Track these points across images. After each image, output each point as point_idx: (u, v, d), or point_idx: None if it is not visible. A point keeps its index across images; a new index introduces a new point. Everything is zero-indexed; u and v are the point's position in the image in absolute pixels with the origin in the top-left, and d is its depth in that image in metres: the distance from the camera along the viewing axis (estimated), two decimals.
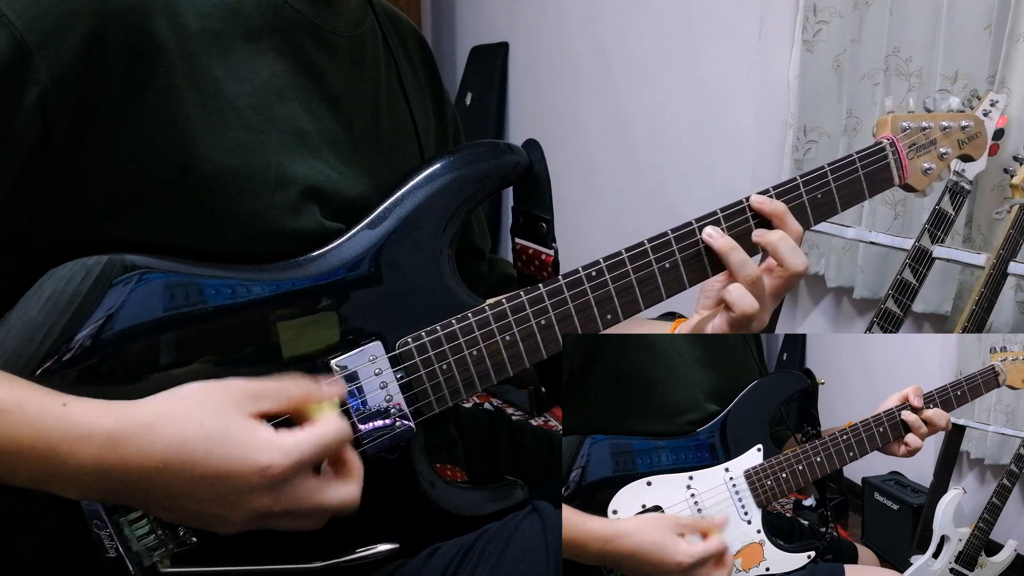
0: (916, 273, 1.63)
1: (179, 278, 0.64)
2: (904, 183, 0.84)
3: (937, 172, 0.85)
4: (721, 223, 0.77)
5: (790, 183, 0.78)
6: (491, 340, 0.72)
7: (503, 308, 0.72)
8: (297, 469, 0.60)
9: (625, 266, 0.74)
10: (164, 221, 0.64)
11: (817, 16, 2.12)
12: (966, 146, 0.89)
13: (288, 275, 0.67)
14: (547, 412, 2.69)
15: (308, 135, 0.71)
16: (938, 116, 0.86)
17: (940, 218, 1.60)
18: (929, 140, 0.85)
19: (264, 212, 0.66)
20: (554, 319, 0.73)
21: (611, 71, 2.85)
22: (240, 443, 0.59)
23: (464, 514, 0.75)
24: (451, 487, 0.76)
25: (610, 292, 0.74)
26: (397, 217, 0.71)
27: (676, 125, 2.58)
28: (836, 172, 0.80)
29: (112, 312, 0.63)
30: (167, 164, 0.63)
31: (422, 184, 0.72)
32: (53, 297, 0.62)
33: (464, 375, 0.71)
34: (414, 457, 0.72)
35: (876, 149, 0.82)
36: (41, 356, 0.62)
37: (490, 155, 0.76)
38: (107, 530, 0.63)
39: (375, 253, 0.70)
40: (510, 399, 2.79)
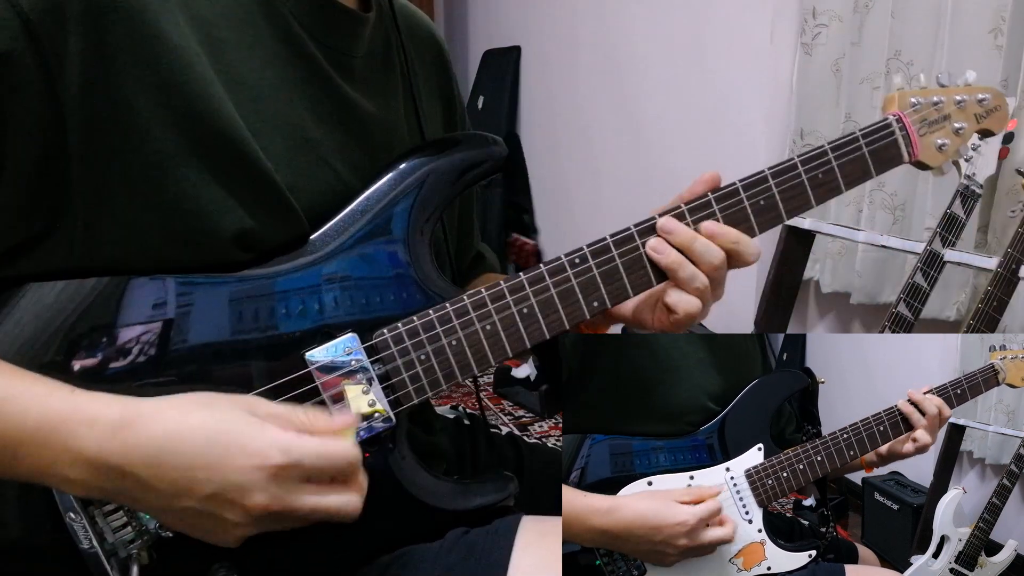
0: (927, 277, 1.63)
1: (168, 282, 0.65)
2: (916, 160, 0.80)
3: (953, 148, 0.81)
4: (715, 207, 0.74)
5: (787, 163, 0.75)
6: (470, 329, 0.71)
7: (482, 296, 0.71)
8: (295, 470, 0.60)
9: (610, 251, 0.73)
10: (146, 221, 0.64)
11: (816, 20, 2.12)
12: (985, 120, 0.82)
13: (266, 271, 0.68)
14: (557, 415, 2.69)
15: (318, 143, 0.71)
16: (951, 90, 0.81)
17: (951, 222, 1.60)
18: (942, 115, 0.80)
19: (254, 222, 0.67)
20: (536, 306, 0.72)
21: (622, 75, 2.86)
22: (244, 436, 0.59)
23: (449, 508, 0.73)
24: (437, 480, 0.74)
25: (595, 278, 0.72)
26: (373, 210, 0.71)
27: (686, 128, 2.59)
28: (838, 150, 0.76)
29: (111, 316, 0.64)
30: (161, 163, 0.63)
31: (398, 177, 0.73)
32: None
33: (443, 365, 0.70)
34: (397, 450, 0.71)
35: (882, 125, 0.78)
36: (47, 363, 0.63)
37: (465, 146, 0.76)
38: (81, 521, 0.63)
39: (350, 246, 0.70)
40: (520, 401, 2.79)
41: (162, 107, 0.63)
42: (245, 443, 0.59)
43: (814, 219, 2.04)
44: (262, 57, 0.69)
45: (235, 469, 0.58)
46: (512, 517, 0.74)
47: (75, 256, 0.64)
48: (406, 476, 0.72)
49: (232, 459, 0.58)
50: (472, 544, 0.71)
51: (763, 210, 0.75)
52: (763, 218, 0.75)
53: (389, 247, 0.71)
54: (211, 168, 0.64)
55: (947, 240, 1.60)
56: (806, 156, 0.76)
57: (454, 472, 0.92)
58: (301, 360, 0.68)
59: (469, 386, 2.63)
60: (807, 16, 2.13)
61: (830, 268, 2.15)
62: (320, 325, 0.69)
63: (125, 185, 0.63)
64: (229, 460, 0.58)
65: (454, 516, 0.74)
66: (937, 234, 1.61)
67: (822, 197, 0.76)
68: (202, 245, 0.65)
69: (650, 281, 0.73)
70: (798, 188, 0.75)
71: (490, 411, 2.74)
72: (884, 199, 2.00)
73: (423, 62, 0.90)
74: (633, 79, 2.81)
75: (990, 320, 1.50)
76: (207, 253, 0.66)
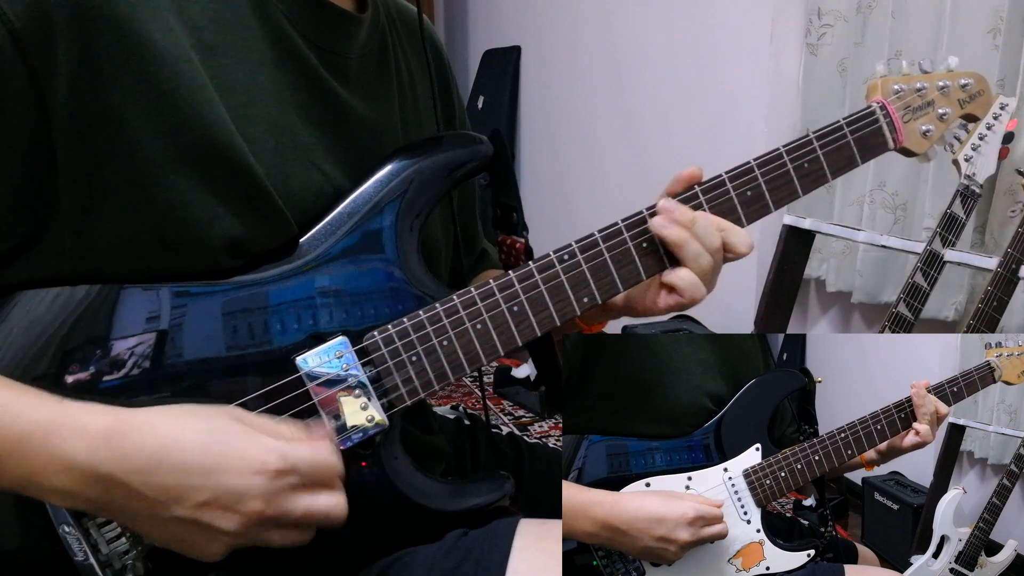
0: (927, 277, 1.63)
1: (161, 292, 0.65)
2: (901, 147, 0.80)
3: (938, 134, 0.81)
4: (701, 199, 0.74)
5: (772, 153, 0.75)
6: (461, 328, 0.71)
7: (471, 295, 0.71)
8: (291, 474, 0.60)
9: (599, 246, 0.72)
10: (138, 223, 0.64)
11: (821, 20, 2.13)
12: (968, 105, 0.83)
13: (254, 278, 0.68)
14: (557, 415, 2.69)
15: (308, 148, 0.71)
16: (934, 76, 0.81)
17: (951, 222, 1.60)
18: (926, 101, 0.81)
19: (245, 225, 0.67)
20: (526, 303, 0.71)
21: (622, 74, 2.86)
22: (239, 442, 0.60)
23: (444, 509, 0.73)
24: (432, 481, 0.74)
25: (584, 274, 0.72)
26: (360, 213, 0.71)
27: (687, 128, 2.59)
28: (823, 139, 0.76)
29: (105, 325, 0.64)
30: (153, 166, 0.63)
31: (384, 179, 0.72)
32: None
33: (435, 366, 0.70)
34: (391, 451, 0.71)
35: (866, 113, 0.78)
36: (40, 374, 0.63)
37: (450, 146, 0.76)
38: (75, 533, 0.63)
39: (338, 250, 0.70)
40: (520, 401, 2.79)
41: (150, 115, 0.62)
42: (242, 449, 0.59)
43: (815, 219, 2.04)
44: (253, 61, 0.68)
45: (234, 475, 0.59)
46: (510, 519, 0.73)
47: (65, 264, 0.63)
48: (400, 478, 0.72)
49: (230, 465, 0.59)
50: (470, 546, 0.71)
51: (750, 200, 0.75)
52: (750, 208, 0.75)
53: (376, 250, 0.71)
54: (201, 175, 0.64)
55: (947, 240, 1.61)
56: (791, 146, 0.76)
57: (454, 472, 0.92)
58: (292, 365, 0.68)
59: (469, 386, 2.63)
60: (812, 16, 2.13)
61: (832, 267, 2.15)
62: (309, 330, 0.68)
63: (114, 193, 0.62)
64: (227, 466, 0.59)
65: (452, 518, 0.74)
66: (937, 234, 1.61)
67: (809, 186, 0.76)
68: (192, 252, 0.65)
69: (640, 275, 0.73)
70: (784, 178, 0.75)
71: (490, 411, 2.74)
72: (885, 199, 2.00)
73: (420, 61, 0.89)
74: (633, 79, 2.81)
75: (990, 320, 1.50)
76: (197, 260, 0.65)
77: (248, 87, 0.67)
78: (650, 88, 2.74)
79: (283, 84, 0.70)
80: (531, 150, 3.47)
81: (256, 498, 0.59)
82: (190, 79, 0.64)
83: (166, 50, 0.63)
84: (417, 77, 0.88)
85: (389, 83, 0.82)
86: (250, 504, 0.59)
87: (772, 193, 0.75)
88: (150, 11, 0.63)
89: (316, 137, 0.72)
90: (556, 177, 3.32)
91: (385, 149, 0.77)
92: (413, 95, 0.86)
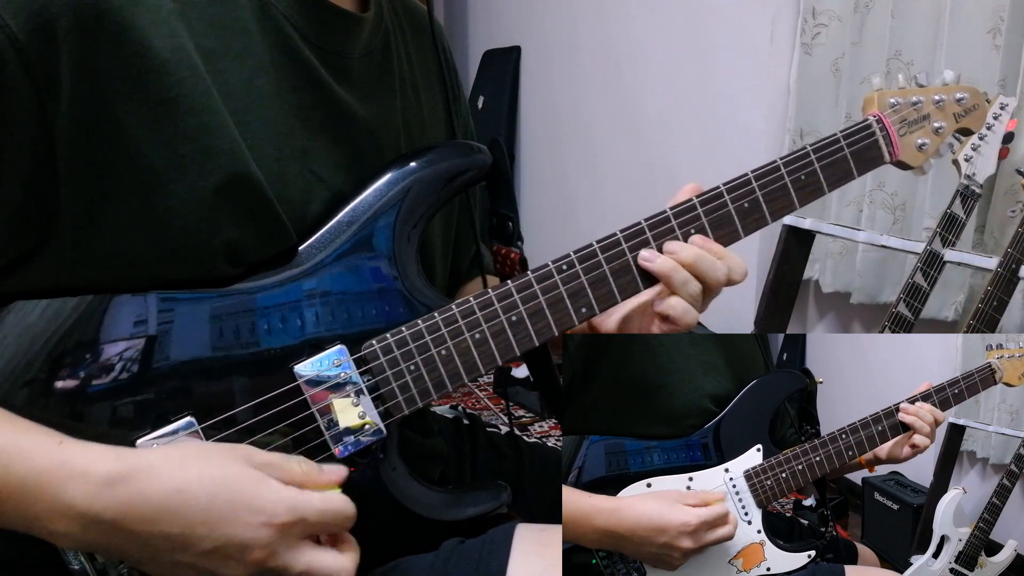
0: (927, 277, 1.63)
1: (150, 299, 0.65)
2: (897, 160, 0.81)
3: (933, 147, 0.82)
4: (699, 210, 0.75)
5: (770, 165, 0.76)
6: (459, 338, 0.71)
7: (470, 305, 0.71)
8: (299, 527, 0.60)
9: (597, 256, 0.73)
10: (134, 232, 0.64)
11: (816, 19, 2.13)
12: (963, 119, 0.84)
13: (251, 285, 0.68)
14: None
15: (307, 153, 0.71)
16: (930, 90, 0.83)
17: (951, 221, 1.60)
18: (921, 115, 0.82)
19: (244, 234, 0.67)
20: (524, 314, 0.72)
21: (622, 75, 2.86)
22: (247, 491, 0.59)
23: (442, 519, 0.73)
24: (429, 491, 0.74)
25: (583, 284, 0.73)
26: (358, 222, 0.71)
27: (687, 129, 2.59)
28: (819, 152, 0.77)
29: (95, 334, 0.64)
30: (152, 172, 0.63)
31: (383, 188, 0.72)
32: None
33: (433, 375, 0.70)
34: (388, 461, 0.71)
35: (862, 126, 0.80)
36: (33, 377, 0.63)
37: (449, 155, 0.76)
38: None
39: (336, 258, 0.70)
40: (520, 401, 2.79)
41: (151, 124, 0.62)
42: (250, 499, 0.58)
43: (814, 219, 2.04)
44: (252, 65, 0.68)
45: (241, 526, 0.58)
46: (507, 525, 0.73)
47: (65, 274, 0.63)
48: (397, 487, 0.71)
49: (237, 516, 0.58)
50: (468, 554, 0.71)
51: (747, 212, 0.76)
52: (747, 220, 0.76)
53: (374, 259, 0.71)
54: (201, 185, 0.64)
55: (947, 240, 1.61)
56: (788, 159, 0.77)
57: (453, 473, 0.92)
58: (289, 374, 0.67)
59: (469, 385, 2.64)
60: (807, 16, 2.13)
61: (831, 268, 2.15)
62: (307, 339, 0.68)
63: (114, 202, 0.62)
64: (234, 517, 0.58)
65: (448, 526, 0.73)
66: (937, 234, 1.61)
67: (805, 199, 0.78)
68: (192, 261, 0.65)
69: (638, 286, 0.74)
70: (781, 190, 0.77)
71: (489, 411, 2.74)
72: (884, 199, 2.00)
73: (427, 62, 0.88)
74: (633, 79, 2.81)
75: (990, 320, 1.51)
76: (197, 269, 0.65)
77: (246, 92, 0.67)
78: (649, 88, 2.74)
79: (283, 86, 0.70)
80: (531, 150, 3.47)
81: (262, 548, 0.58)
82: (192, 87, 0.63)
83: (168, 58, 0.62)
84: (422, 78, 0.87)
85: (391, 84, 0.81)
86: (255, 554, 0.58)
87: (769, 205, 0.77)
88: (152, 18, 0.62)
89: (315, 140, 0.72)
90: (556, 177, 3.32)
91: (385, 150, 0.77)
92: (416, 96, 0.85)
